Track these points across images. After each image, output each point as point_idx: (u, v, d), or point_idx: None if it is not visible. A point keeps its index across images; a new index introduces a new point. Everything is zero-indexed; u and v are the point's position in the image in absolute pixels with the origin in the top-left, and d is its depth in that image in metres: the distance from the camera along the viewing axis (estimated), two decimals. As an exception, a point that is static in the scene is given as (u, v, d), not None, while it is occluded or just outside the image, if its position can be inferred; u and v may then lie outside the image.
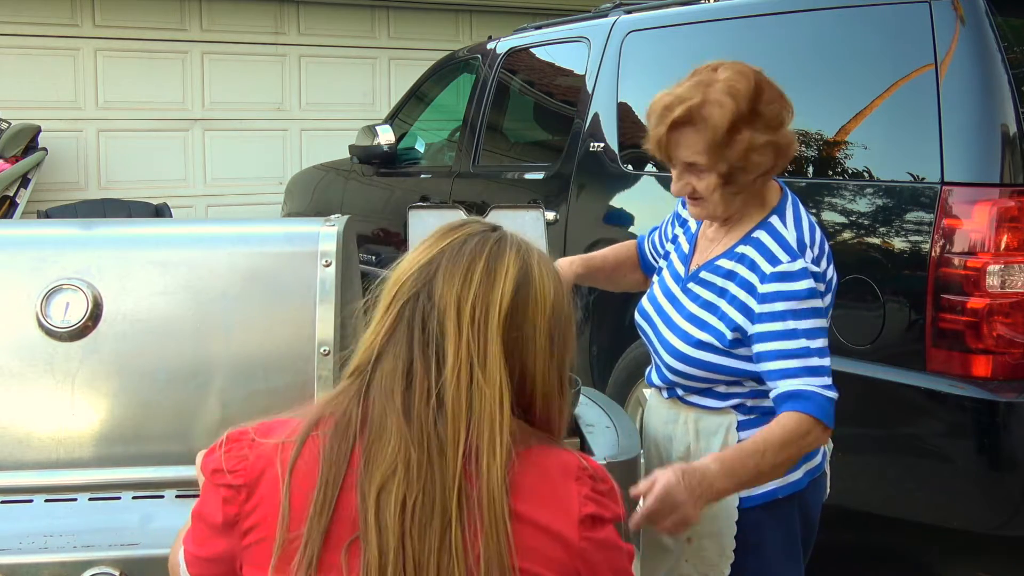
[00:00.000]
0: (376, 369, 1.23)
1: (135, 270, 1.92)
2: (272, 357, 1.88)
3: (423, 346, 1.22)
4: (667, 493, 1.61)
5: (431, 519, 1.15)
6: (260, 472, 1.21)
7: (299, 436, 1.22)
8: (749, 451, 1.73)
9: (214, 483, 1.23)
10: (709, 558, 1.96)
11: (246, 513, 1.21)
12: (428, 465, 1.17)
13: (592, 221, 4.25)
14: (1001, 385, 2.78)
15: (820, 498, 2.07)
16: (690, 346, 1.92)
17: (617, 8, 4.59)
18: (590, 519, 1.21)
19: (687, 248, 2.07)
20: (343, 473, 1.18)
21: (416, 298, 1.24)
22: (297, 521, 1.17)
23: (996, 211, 2.78)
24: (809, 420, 1.75)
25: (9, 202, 7.38)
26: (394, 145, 5.78)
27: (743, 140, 1.82)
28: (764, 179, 1.91)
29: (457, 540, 1.15)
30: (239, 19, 8.75)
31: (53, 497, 1.75)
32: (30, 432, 1.82)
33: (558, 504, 1.20)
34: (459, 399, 1.19)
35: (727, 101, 1.81)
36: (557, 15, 5.88)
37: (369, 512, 1.15)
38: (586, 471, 1.24)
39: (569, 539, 1.19)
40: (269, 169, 8.92)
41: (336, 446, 1.19)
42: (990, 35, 2.88)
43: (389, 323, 1.24)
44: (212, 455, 1.25)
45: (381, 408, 1.20)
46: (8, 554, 1.65)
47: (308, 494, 1.18)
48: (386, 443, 1.18)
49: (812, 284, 1.83)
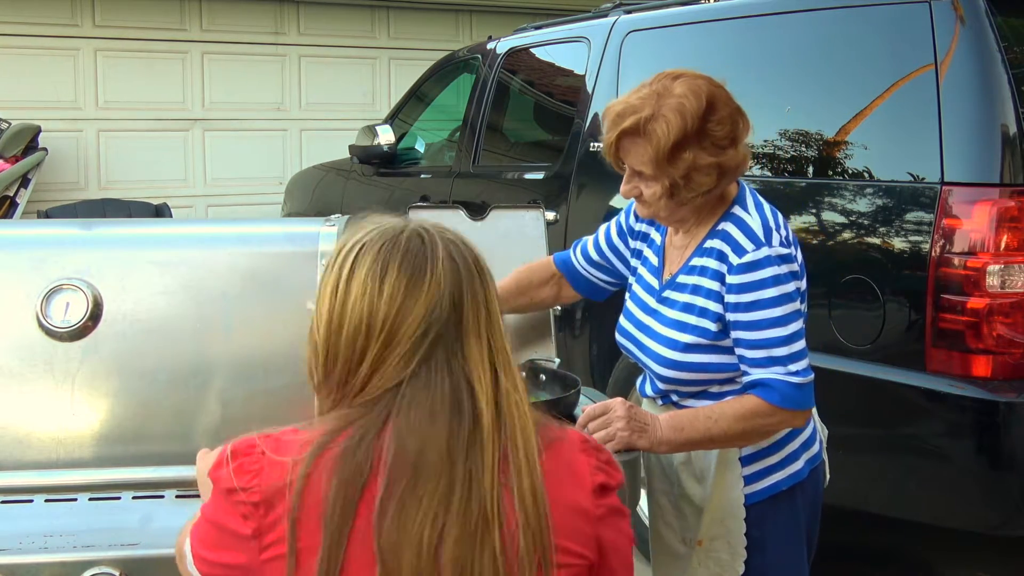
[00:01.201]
0: (401, 405, 1.20)
1: (135, 270, 1.92)
2: (272, 357, 1.88)
3: (449, 370, 1.21)
4: (606, 405, 1.87)
5: (473, 552, 1.15)
6: (277, 489, 1.18)
7: (304, 465, 1.18)
8: (703, 414, 1.88)
9: (231, 501, 1.20)
10: (722, 559, 1.97)
11: (267, 527, 1.18)
12: (466, 498, 1.16)
13: (592, 221, 4.25)
14: (1001, 385, 2.78)
15: (821, 485, 2.10)
16: (678, 351, 1.94)
17: (617, 8, 4.59)
18: (601, 488, 1.26)
19: (656, 261, 2.08)
20: (351, 521, 1.15)
21: (441, 334, 1.22)
22: (307, 555, 1.15)
23: (996, 211, 2.78)
24: (769, 406, 1.84)
25: (9, 202, 7.38)
26: (394, 145, 5.78)
27: (686, 160, 1.84)
28: (708, 195, 1.91)
29: (498, 546, 1.16)
30: (239, 19, 8.75)
31: (53, 497, 1.75)
32: (30, 432, 1.82)
33: (575, 480, 1.25)
34: (494, 410, 1.21)
35: (674, 119, 1.83)
36: (557, 15, 5.88)
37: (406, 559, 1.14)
38: (589, 443, 1.31)
39: (588, 509, 1.24)
40: (269, 169, 8.92)
41: (343, 493, 1.16)
42: (990, 35, 2.88)
43: (417, 355, 1.21)
44: (220, 470, 1.22)
45: (415, 445, 1.17)
46: (8, 554, 1.65)
47: (316, 528, 1.15)
48: (424, 484, 1.16)
49: (777, 270, 1.85)
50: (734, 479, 1.95)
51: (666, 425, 1.86)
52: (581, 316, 4.27)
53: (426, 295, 1.22)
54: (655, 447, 1.87)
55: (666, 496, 2.03)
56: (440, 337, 1.22)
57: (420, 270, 1.23)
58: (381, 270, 1.23)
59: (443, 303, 1.23)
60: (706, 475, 1.97)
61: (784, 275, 1.86)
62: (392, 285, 1.22)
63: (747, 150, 1.92)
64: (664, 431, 1.86)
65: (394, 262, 1.24)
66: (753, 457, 1.95)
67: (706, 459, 1.96)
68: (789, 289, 1.86)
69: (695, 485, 1.98)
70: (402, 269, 1.23)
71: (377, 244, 1.26)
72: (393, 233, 1.28)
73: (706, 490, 1.96)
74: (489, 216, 2.55)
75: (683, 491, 2.00)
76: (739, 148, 1.89)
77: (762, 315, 1.84)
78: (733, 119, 1.88)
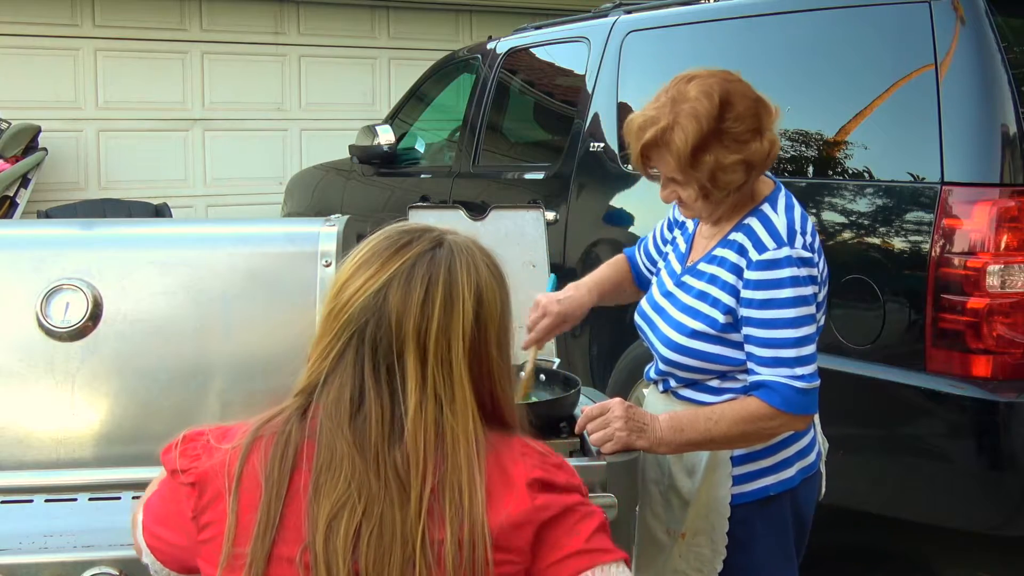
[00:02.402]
0: (322, 393, 1.22)
1: (135, 270, 1.92)
2: (272, 357, 1.88)
3: (375, 375, 1.20)
4: (604, 405, 1.86)
5: (390, 551, 1.15)
6: (213, 473, 1.22)
7: (242, 448, 1.21)
8: (703, 415, 1.87)
9: (175, 482, 1.25)
10: (703, 554, 1.98)
11: (201, 508, 1.22)
12: (386, 498, 1.16)
13: (592, 221, 4.25)
14: (1001, 385, 2.78)
15: (813, 497, 2.09)
16: (685, 336, 1.95)
17: (617, 8, 4.59)
18: (538, 483, 1.21)
19: (684, 248, 2.10)
20: (284, 493, 1.18)
21: (366, 325, 1.21)
22: (243, 537, 1.17)
23: (996, 211, 2.78)
24: (770, 409, 1.83)
25: (9, 202, 7.38)
26: (394, 145, 5.78)
27: (708, 162, 1.85)
28: (743, 189, 1.92)
29: (421, 571, 1.14)
30: (239, 19, 8.75)
31: (53, 497, 1.75)
32: (30, 432, 1.82)
33: (512, 490, 1.20)
34: (426, 435, 1.18)
35: (689, 125, 1.83)
36: (557, 15, 5.88)
37: (318, 539, 1.15)
38: (531, 447, 1.26)
39: (524, 509, 1.19)
40: (269, 169, 8.92)
41: (276, 467, 1.19)
42: (990, 35, 2.88)
43: (338, 348, 1.22)
44: (169, 453, 1.27)
45: (330, 434, 1.19)
46: (8, 554, 1.65)
47: (253, 510, 1.18)
48: (337, 470, 1.17)
49: (796, 272, 1.84)
50: (723, 477, 1.95)
51: (666, 425, 1.86)
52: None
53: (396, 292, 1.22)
54: (654, 447, 1.87)
55: (656, 485, 2.03)
56: (371, 338, 1.20)
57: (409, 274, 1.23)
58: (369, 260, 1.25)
59: (390, 312, 1.20)
60: (696, 470, 1.97)
61: (803, 278, 1.85)
62: (366, 276, 1.23)
63: (775, 136, 1.90)
64: (664, 431, 1.86)
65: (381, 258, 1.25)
66: (745, 458, 1.96)
67: (698, 454, 1.97)
68: (806, 292, 1.85)
69: (685, 478, 1.98)
70: (385, 265, 1.24)
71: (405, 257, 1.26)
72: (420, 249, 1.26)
73: (695, 484, 1.97)
74: (489, 216, 2.55)
75: (672, 482, 2.00)
76: (765, 138, 1.88)
77: (775, 314, 1.84)
78: (753, 111, 1.87)
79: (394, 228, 1.30)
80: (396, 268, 1.23)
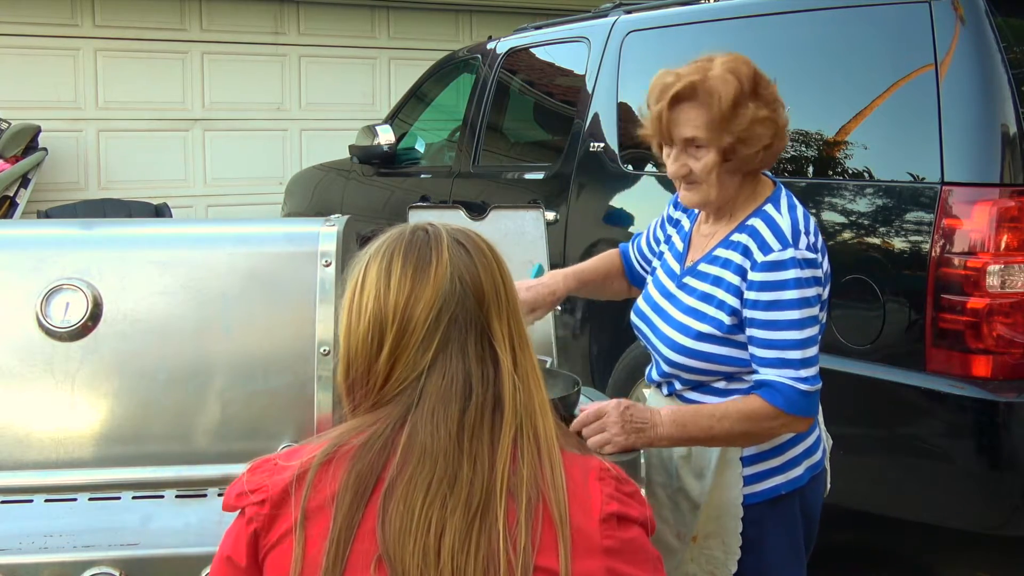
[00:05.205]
0: (424, 391, 1.20)
1: (135, 270, 1.92)
2: (272, 357, 1.88)
3: (480, 359, 1.22)
4: (600, 408, 1.87)
5: (471, 542, 1.13)
6: (282, 491, 1.18)
7: (313, 465, 1.18)
8: (707, 412, 1.88)
9: (238, 506, 1.21)
10: (715, 557, 1.97)
11: (267, 527, 1.18)
12: (472, 478, 1.16)
13: (592, 221, 4.25)
14: (1001, 385, 2.78)
15: (820, 494, 2.09)
16: (691, 339, 1.94)
17: (617, 8, 4.59)
18: (615, 518, 1.18)
19: (681, 246, 2.08)
20: (361, 515, 1.15)
21: (457, 307, 1.23)
22: (311, 569, 1.14)
23: (996, 211, 2.78)
24: (773, 409, 1.83)
25: (9, 202, 7.38)
26: (394, 145, 5.78)
27: (747, 113, 1.86)
28: (764, 157, 1.92)
29: (503, 542, 1.13)
30: (239, 19, 8.75)
31: (53, 497, 1.75)
32: (30, 432, 1.82)
33: (579, 504, 1.18)
34: (511, 390, 1.21)
35: (730, 78, 1.86)
36: (557, 15, 5.88)
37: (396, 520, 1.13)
38: (609, 472, 1.23)
39: (592, 538, 1.16)
40: (269, 169, 8.92)
41: (363, 471, 1.16)
42: (990, 35, 2.88)
43: (438, 341, 1.22)
44: (235, 484, 1.23)
45: (427, 431, 1.18)
46: (8, 554, 1.64)
47: (322, 537, 1.14)
48: (425, 464, 1.16)
49: (800, 273, 1.84)
50: (734, 478, 1.95)
51: (668, 420, 1.86)
52: (581, 316, 4.27)
53: (434, 278, 1.23)
54: (655, 442, 1.86)
55: (663, 489, 2.03)
56: (455, 319, 1.22)
57: (425, 258, 1.25)
58: (388, 265, 1.25)
59: (454, 284, 1.23)
60: (705, 472, 1.96)
61: (807, 279, 1.85)
62: (399, 275, 1.24)
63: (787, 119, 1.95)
64: (666, 426, 1.85)
65: (399, 255, 1.25)
66: (755, 458, 1.95)
67: (706, 456, 1.96)
68: (810, 294, 1.85)
69: (694, 481, 1.98)
70: (407, 259, 1.25)
71: (383, 246, 1.28)
72: (397, 233, 1.29)
73: (704, 487, 1.96)
74: (489, 216, 2.55)
75: (681, 486, 2.00)
76: (782, 114, 1.92)
77: (779, 316, 1.83)
78: (773, 92, 1.93)
79: (382, 239, 1.30)
80: (439, 251, 1.25)
